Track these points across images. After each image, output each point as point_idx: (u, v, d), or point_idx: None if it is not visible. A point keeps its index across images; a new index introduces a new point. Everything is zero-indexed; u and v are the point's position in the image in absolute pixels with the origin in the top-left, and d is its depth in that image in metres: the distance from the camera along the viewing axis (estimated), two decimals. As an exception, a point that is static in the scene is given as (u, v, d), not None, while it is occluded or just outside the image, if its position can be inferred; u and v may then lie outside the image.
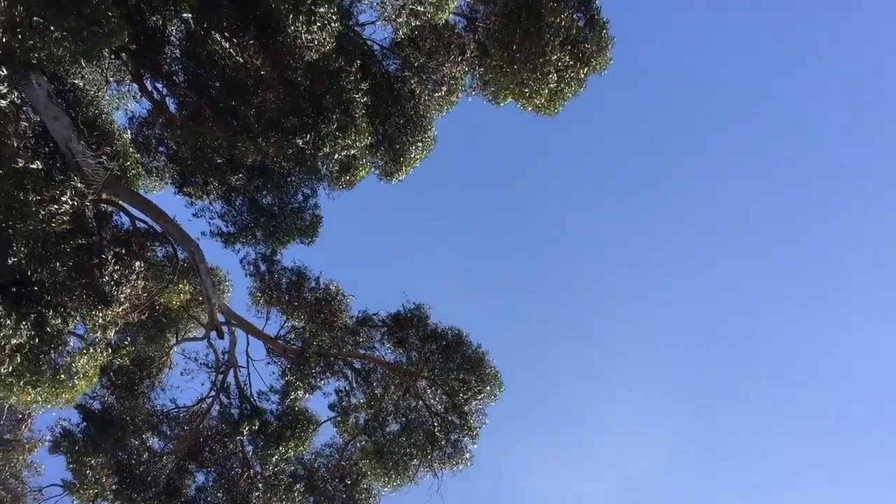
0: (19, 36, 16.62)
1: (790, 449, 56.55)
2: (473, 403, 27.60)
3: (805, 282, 56.01)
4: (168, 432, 28.82)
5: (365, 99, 20.26)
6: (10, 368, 19.54)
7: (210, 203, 25.51)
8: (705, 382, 58.44)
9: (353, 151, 20.43)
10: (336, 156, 20.13)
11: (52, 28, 16.00)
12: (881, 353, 54.61)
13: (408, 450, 27.65)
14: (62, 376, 21.43)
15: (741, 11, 51.38)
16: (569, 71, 22.74)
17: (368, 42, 24.96)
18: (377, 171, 26.23)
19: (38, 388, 21.41)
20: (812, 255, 55.20)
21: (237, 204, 25.53)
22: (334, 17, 19.29)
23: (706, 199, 55.81)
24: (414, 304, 29.03)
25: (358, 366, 29.47)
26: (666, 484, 58.11)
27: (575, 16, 22.10)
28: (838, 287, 54.98)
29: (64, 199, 18.68)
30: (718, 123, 54.65)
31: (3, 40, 16.53)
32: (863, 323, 53.96)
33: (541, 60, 22.21)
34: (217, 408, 29.31)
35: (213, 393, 29.33)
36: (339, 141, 19.34)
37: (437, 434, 27.68)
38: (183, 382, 30.49)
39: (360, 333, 29.45)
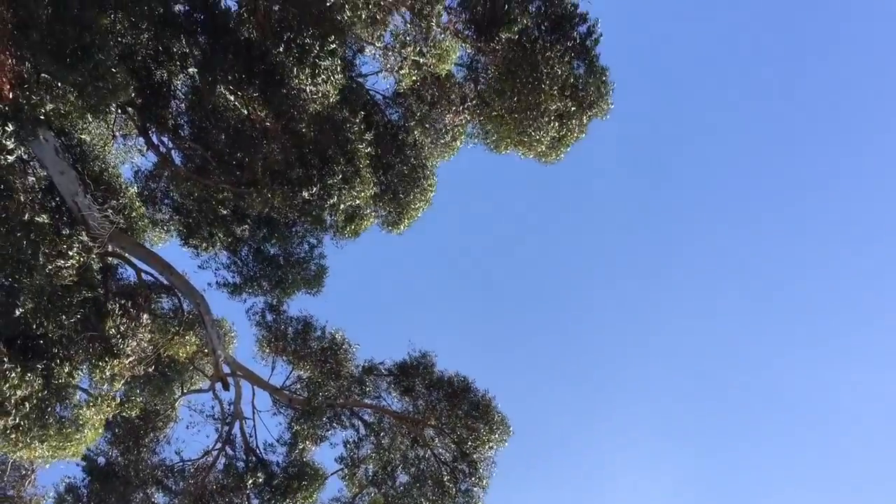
0: (27, 92, 16.89)
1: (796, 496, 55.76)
2: (482, 451, 27.31)
3: (813, 332, 55.77)
4: (173, 487, 28.48)
5: (369, 149, 20.47)
6: (17, 422, 19.44)
7: (216, 254, 25.61)
8: (712, 430, 57.87)
9: (358, 202, 20.58)
10: (342, 206, 20.28)
11: (59, 84, 16.26)
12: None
13: (419, 501, 27.30)
14: (68, 429, 21.30)
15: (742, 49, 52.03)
16: (570, 118, 22.97)
17: (371, 92, 25.29)
18: (381, 222, 26.35)
19: (45, 443, 21.28)
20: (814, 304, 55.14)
21: (243, 254, 25.63)
22: (338, 70, 19.59)
23: (714, 243, 55.81)
24: (419, 352, 28.99)
25: (365, 416, 29.27)
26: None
27: (574, 63, 22.39)
28: (843, 335, 54.77)
29: (71, 252, 18.77)
30: (722, 171, 55.00)
31: (11, 96, 16.78)
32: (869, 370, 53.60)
33: (538, 111, 22.45)
34: (223, 461, 29.02)
35: (218, 445, 29.06)
36: (345, 192, 19.50)
37: (448, 484, 27.35)
38: (188, 436, 30.29)
39: (366, 382, 29.31)
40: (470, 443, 27.22)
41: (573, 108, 22.81)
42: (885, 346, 53.66)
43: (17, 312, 18.04)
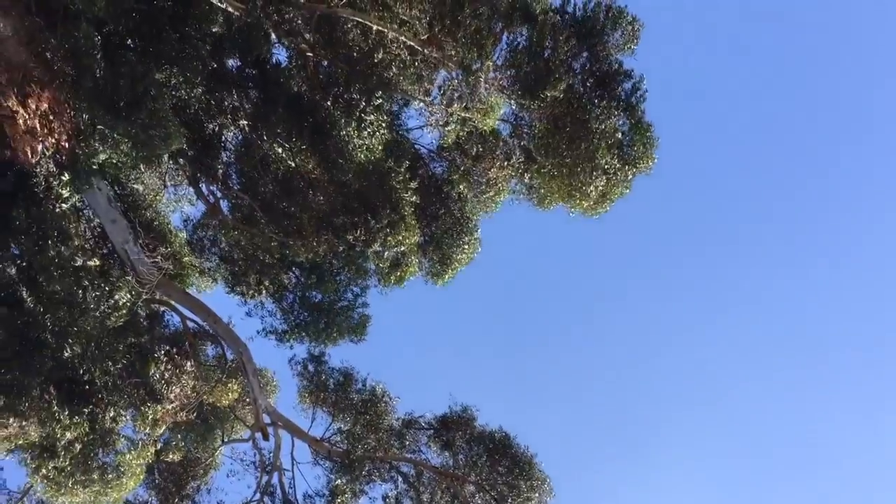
0: (82, 143, 17.47)
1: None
2: (524, 509, 26.76)
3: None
4: (213, 537, 28.39)
5: (414, 198, 20.67)
6: (64, 464, 19.68)
7: (261, 302, 25.88)
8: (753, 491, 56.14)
9: (402, 248, 20.74)
10: (386, 253, 20.46)
11: (114, 135, 16.80)
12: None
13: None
14: (110, 475, 21.44)
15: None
16: (616, 173, 22.93)
17: (416, 146, 25.61)
18: (424, 273, 26.44)
19: (87, 488, 21.45)
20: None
21: (288, 301, 25.87)
22: (383, 125, 19.94)
23: (760, 300, 54.79)
24: (460, 405, 28.68)
25: (405, 469, 28.94)
26: None
27: (620, 121, 22.42)
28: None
29: (119, 294, 19.14)
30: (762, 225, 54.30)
31: (68, 146, 17.35)
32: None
33: (590, 165, 22.43)
34: (262, 512, 28.86)
35: (257, 496, 28.94)
36: (390, 238, 19.70)
37: (488, 542, 26.82)
38: (228, 485, 30.20)
39: (406, 436, 29.05)
40: (510, 500, 26.70)
41: (618, 165, 22.77)
42: None
43: (66, 354, 18.36)
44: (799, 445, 55.94)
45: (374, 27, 20.14)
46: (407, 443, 29.02)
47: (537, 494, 26.85)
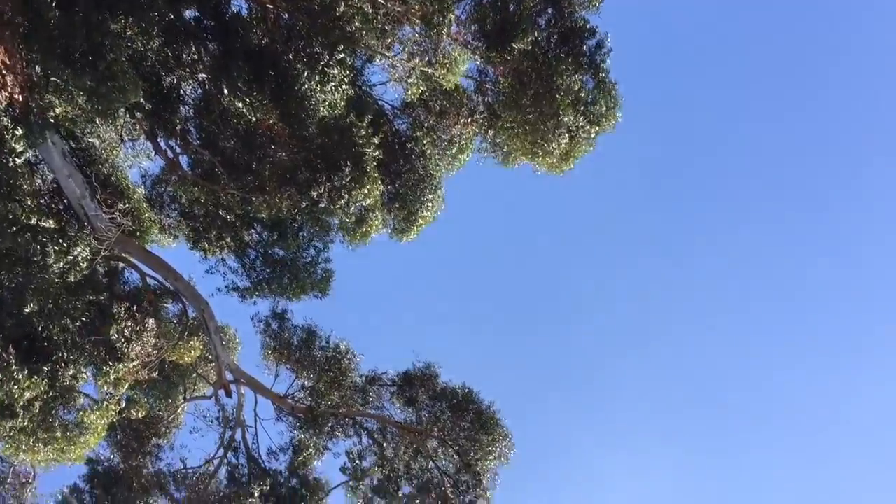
0: (36, 96, 17.00)
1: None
2: (485, 462, 27.18)
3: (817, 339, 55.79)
4: (176, 494, 28.41)
5: (377, 153, 20.54)
6: (24, 424, 19.50)
7: (223, 259, 25.69)
8: (711, 436, 57.78)
9: (367, 202, 20.65)
10: (351, 208, 20.38)
11: (69, 87, 16.35)
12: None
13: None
14: (72, 433, 21.31)
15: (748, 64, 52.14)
16: (580, 131, 22.94)
17: (379, 102, 25.36)
18: (389, 230, 26.40)
19: (49, 446, 21.31)
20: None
21: (250, 258, 25.72)
22: (346, 81, 19.67)
23: (720, 254, 55.79)
24: (423, 362, 28.89)
25: (368, 425, 29.17)
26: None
27: (584, 79, 22.36)
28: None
29: (77, 251, 18.84)
30: (725, 183, 55.06)
31: (21, 100, 16.89)
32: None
33: (554, 122, 22.40)
34: (225, 469, 28.95)
35: (220, 453, 29.01)
36: (354, 192, 19.59)
37: (450, 495, 27.21)
38: (191, 441, 30.21)
39: (369, 392, 29.25)
40: (472, 454, 27.09)
41: (582, 123, 22.78)
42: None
43: (26, 310, 18.09)
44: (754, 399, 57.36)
45: (337, -22, 19.74)
46: (370, 399, 29.23)
47: (498, 448, 27.29)
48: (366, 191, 19.97)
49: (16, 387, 18.75)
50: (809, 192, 53.62)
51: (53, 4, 15.44)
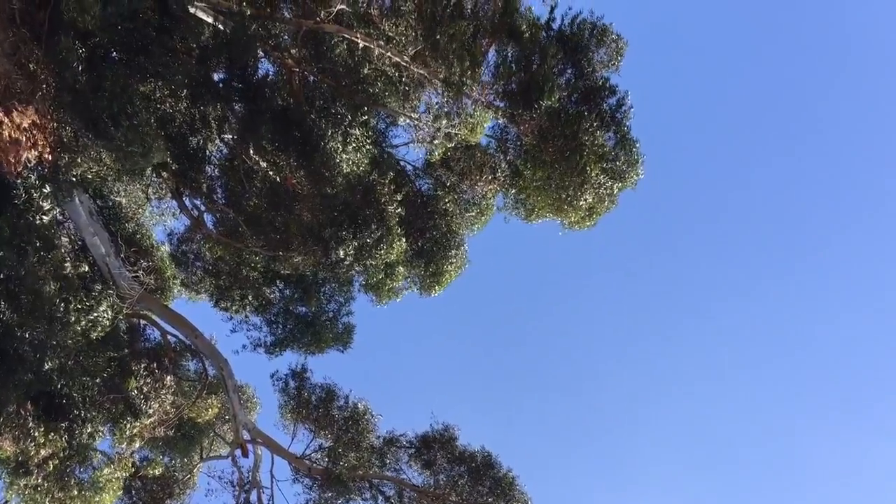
0: (65, 155, 17.26)
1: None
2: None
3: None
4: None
5: (399, 210, 20.74)
6: (39, 482, 19.32)
7: (246, 317, 25.77)
8: (734, 497, 56.66)
9: (392, 257, 20.79)
10: (377, 264, 20.55)
11: (97, 146, 16.61)
12: None
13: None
14: (87, 491, 21.08)
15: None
16: (603, 188, 22.98)
17: (402, 162, 25.62)
18: (416, 287, 26.50)
19: (64, 505, 21.08)
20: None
21: (273, 314, 25.82)
22: (368, 140, 19.91)
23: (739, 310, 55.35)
24: (442, 424, 28.47)
25: (385, 489, 28.67)
26: None
27: (607, 135, 22.49)
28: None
29: (100, 309, 18.91)
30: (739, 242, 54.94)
31: (50, 158, 17.14)
32: None
33: (580, 178, 22.45)
34: (240, 531, 28.44)
35: (236, 515, 28.54)
36: (380, 250, 19.75)
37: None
38: (206, 502, 29.76)
39: (387, 454, 28.79)
40: (491, 521, 26.54)
41: (604, 179, 22.82)
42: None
43: (46, 367, 18.06)
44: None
45: (361, 43, 20.09)
46: (388, 461, 28.75)
47: (518, 514, 26.72)
48: (392, 248, 20.13)
49: (32, 444, 18.64)
50: (831, 246, 53.38)
51: (80, 69, 15.76)
